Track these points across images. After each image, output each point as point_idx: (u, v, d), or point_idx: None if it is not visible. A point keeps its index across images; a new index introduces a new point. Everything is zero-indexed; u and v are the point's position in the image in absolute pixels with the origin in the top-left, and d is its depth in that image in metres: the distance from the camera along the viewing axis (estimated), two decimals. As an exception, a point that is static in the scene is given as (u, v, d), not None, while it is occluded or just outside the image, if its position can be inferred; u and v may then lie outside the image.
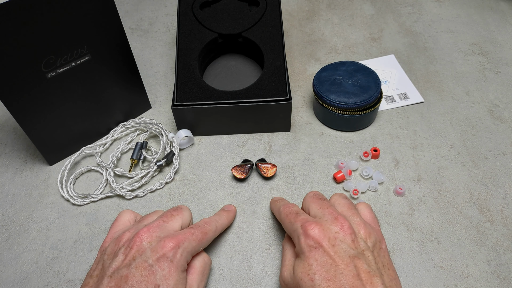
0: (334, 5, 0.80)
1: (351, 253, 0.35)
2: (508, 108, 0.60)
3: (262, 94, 0.54)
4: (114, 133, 0.59)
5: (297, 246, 0.37)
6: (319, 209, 0.39)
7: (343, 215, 0.38)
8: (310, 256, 0.35)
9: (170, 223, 0.40)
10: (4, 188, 0.54)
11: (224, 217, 0.46)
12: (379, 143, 0.56)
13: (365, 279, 0.33)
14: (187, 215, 0.42)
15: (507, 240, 0.46)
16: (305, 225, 0.37)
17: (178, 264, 0.36)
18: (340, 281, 0.33)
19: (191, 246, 0.38)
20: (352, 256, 0.34)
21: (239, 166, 0.53)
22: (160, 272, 0.35)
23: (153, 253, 0.36)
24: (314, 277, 0.34)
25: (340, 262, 0.34)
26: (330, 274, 0.33)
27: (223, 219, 0.45)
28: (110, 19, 0.50)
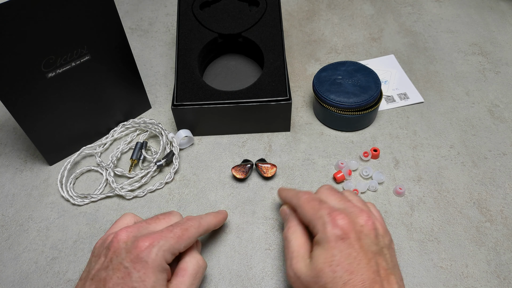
0: (334, 5, 0.80)
1: (373, 248, 0.35)
2: (508, 108, 0.60)
3: (262, 94, 0.54)
4: (114, 133, 0.59)
5: (320, 234, 0.36)
6: (340, 202, 0.39)
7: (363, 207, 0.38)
8: (335, 247, 0.34)
9: (152, 225, 0.39)
10: (4, 188, 0.54)
11: (211, 216, 0.44)
12: (379, 143, 0.56)
13: (383, 276, 0.33)
14: (174, 220, 0.40)
15: (507, 240, 0.46)
16: (333, 214, 0.36)
17: (154, 264, 0.35)
18: (362, 275, 0.33)
19: (168, 244, 0.36)
20: (374, 252, 0.35)
21: (239, 166, 0.53)
22: (136, 273, 0.34)
23: (128, 254, 0.35)
24: (336, 269, 0.33)
25: (364, 257, 0.34)
26: (353, 267, 0.33)
27: (209, 218, 0.43)
28: (110, 19, 0.50)
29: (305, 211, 0.39)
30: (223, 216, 0.46)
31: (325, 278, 0.33)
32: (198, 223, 0.40)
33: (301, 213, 0.39)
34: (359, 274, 0.33)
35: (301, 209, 0.39)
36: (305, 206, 0.39)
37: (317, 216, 0.37)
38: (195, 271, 0.38)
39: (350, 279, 0.33)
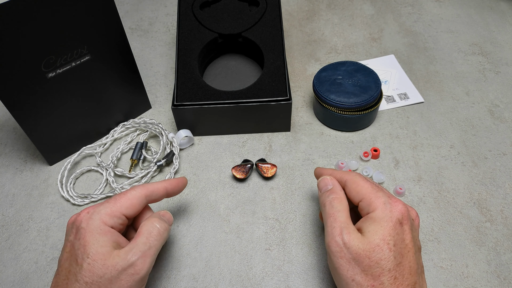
0: (334, 5, 0.80)
1: (418, 244, 0.37)
2: (508, 108, 0.60)
3: (262, 94, 0.54)
4: (114, 133, 0.59)
5: (379, 212, 0.36)
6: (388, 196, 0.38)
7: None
8: (394, 228, 0.35)
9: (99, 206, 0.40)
10: (4, 188, 0.54)
11: (162, 181, 0.43)
12: (379, 143, 0.56)
13: (420, 271, 0.35)
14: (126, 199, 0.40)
15: (507, 240, 0.46)
16: (393, 198, 0.37)
17: (91, 228, 0.36)
18: (409, 263, 0.34)
19: (106, 209, 0.38)
20: (418, 247, 0.37)
21: (239, 166, 0.53)
22: (77, 242, 0.36)
23: (72, 230, 0.37)
24: (393, 248, 0.34)
25: (412, 247, 0.35)
26: (405, 252, 0.34)
27: (157, 182, 0.42)
28: (110, 19, 0.50)
29: (363, 187, 0.38)
30: (176, 181, 0.44)
31: (380, 254, 0.34)
32: (142, 186, 0.41)
33: (356, 188, 0.39)
34: (407, 259, 0.34)
35: (357, 185, 0.39)
36: (364, 183, 0.39)
37: (376, 195, 0.37)
38: (149, 232, 0.38)
39: (401, 262, 0.34)
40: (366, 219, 0.37)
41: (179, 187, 0.44)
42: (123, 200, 0.39)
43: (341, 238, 0.35)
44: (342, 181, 0.41)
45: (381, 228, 0.35)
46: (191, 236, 0.48)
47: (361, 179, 0.40)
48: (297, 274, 0.44)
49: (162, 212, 0.42)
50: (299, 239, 0.47)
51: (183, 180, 0.45)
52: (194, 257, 0.46)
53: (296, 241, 0.47)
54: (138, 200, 0.40)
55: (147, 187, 0.41)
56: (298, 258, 0.46)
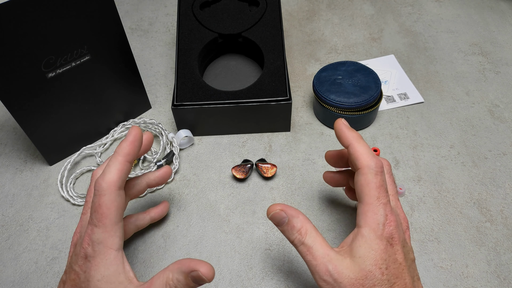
0: (334, 5, 0.80)
1: (411, 256, 0.36)
2: (508, 108, 0.60)
3: (262, 94, 0.54)
4: (114, 133, 0.59)
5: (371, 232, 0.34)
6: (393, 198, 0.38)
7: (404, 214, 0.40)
8: (386, 250, 0.34)
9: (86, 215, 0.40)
10: (4, 188, 0.54)
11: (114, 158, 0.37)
12: (379, 143, 0.56)
13: (416, 282, 0.35)
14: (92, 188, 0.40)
15: (507, 240, 0.46)
16: (389, 217, 0.35)
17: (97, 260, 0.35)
18: (404, 280, 0.34)
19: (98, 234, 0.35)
20: (411, 259, 0.36)
21: (239, 166, 0.53)
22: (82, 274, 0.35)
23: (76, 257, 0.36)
24: (385, 271, 0.33)
25: (405, 263, 0.35)
26: (398, 272, 0.34)
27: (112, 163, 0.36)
28: (110, 19, 0.50)
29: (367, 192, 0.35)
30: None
31: (373, 280, 0.33)
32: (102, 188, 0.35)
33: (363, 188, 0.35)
34: (403, 279, 0.34)
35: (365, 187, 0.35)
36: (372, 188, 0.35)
37: (375, 208, 0.35)
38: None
39: (395, 283, 0.33)
40: (356, 236, 0.35)
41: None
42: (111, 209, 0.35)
43: (330, 276, 0.33)
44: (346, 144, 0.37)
45: (373, 252, 0.33)
46: (191, 236, 0.48)
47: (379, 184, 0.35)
48: (297, 274, 0.44)
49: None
50: (299, 239, 0.47)
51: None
52: (194, 257, 0.46)
53: (296, 241, 0.47)
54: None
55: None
56: (298, 258, 0.46)
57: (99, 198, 0.35)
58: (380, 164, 0.36)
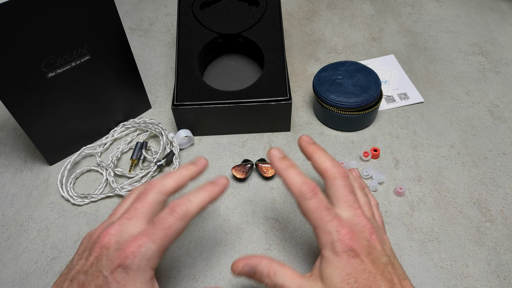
0: (334, 5, 0.80)
1: (383, 260, 0.35)
2: (508, 108, 0.60)
3: (262, 94, 0.54)
4: (114, 133, 0.59)
5: (329, 252, 0.35)
6: (349, 209, 0.37)
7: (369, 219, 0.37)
8: (349, 264, 0.34)
9: (132, 221, 0.36)
10: (4, 188, 0.54)
11: (205, 193, 0.38)
12: (379, 143, 0.56)
13: (397, 284, 0.34)
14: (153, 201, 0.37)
15: (507, 240, 0.46)
16: (341, 231, 0.35)
17: (136, 275, 0.33)
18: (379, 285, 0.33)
19: (151, 251, 0.34)
20: (384, 263, 0.35)
21: (239, 166, 0.53)
22: (115, 285, 0.33)
23: (109, 262, 0.33)
24: (355, 285, 0.33)
25: (377, 269, 0.34)
26: (370, 282, 0.33)
27: (201, 196, 0.38)
28: (110, 19, 0.50)
29: (311, 218, 0.37)
30: (221, 188, 0.40)
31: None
32: (184, 212, 0.36)
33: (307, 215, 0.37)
34: (377, 286, 0.33)
35: (308, 213, 0.37)
36: (312, 212, 0.36)
37: (325, 230, 0.36)
38: None
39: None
40: (321, 259, 0.36)
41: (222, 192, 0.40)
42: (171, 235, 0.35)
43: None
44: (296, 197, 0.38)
45: (336, 270, 0.34)
46: (191, 236, 0.48)
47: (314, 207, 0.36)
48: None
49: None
50: (299, 239, 0.47)
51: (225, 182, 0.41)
52: (194, 257, 0.46)
53: (296, 241, 0.47)
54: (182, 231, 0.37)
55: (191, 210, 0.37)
56: (298, 258, 0.46)
57: (174, 220, 0.35)
58: (300, 187, 0.37)
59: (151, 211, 0.37)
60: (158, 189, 0.38)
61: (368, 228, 0.36)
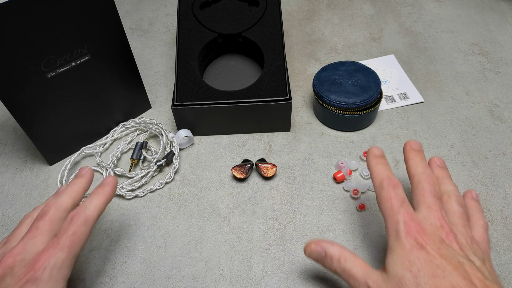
0: (334, 5, 0.80)
1: (460, 258, 0.33)
2: (508, 108, 0.60)
3: (262, 94, 0.54)
4: (114, 133, 0.59)
5: (393, 241, 0.35)
6: (427, 209, 0.36)
7: (451, 225, 0.36)
8: (412, 253, 0.33)
9: (37, 238, 0.35)
10: (4, 188, 0.54)
11: (98, 197, 0.39)
12: (379, 143, 0.56)
13: (479, 285, 0.31)
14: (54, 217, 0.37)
15: (507, 240, 0.46)
16: (409, 224, 0.35)
17: (47, 286, 0.33)
18: (449, 279, 0.31)
19: (61, 260, 0.34)
20: (461, 261, 0.33)
21: (239, 166, 0.53)
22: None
23: (14, 280, 0.33)
24: (418, 274, 0.32)
25: (448, 263, 0.32)
26: (436, 272, 0.32)
27: (96, 201, 0.38)
28: (110, 19, 0.50)
29: (383, 207, 0.37)
30: (111, 186, 0.41)
31: (408, 285, 0.32)
32: (84, 219, 0.37)
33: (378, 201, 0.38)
34: (446, 278, 0.31)
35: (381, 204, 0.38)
36: (385, 202, 0.37)
37: (393, 219, 0.36)
38: None
39: (435, 283, 0.31)
40: (387, 252, 0.36)
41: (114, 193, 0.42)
42: (78, 241, 0.36)
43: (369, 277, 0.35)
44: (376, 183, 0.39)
45: (400, 258, 0.33)
46: (191, 236, 0.48)
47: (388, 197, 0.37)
48: (297, 274, 0.44)
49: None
50: (299, 239, 0.47)
51: (113, 182, 0.41)
52: (194, 257, 0.46)
53: (296, 241, 0.47)
54: (89, 235, 0.37)
55: (93, 218, 0.37)
56: (298, 258, 0.46)
57: (78, 226, 0.36)
58: (382, 179, 0.39)
59: (54, 228, 0.37)
60: (56, 206, 0.38)
61: (446, 229, 0.35)
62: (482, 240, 0.38)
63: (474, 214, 0.41)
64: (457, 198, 0.40)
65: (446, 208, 0.39)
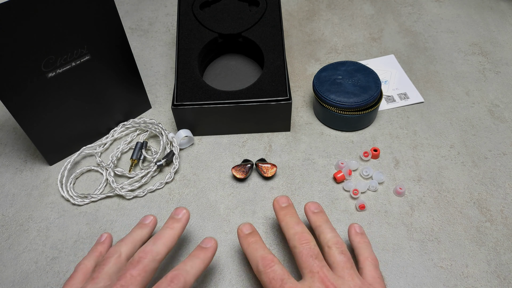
0: (334, 5, 0.80)
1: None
2: (508, 108, 0.60)
3: (262, 94, 0.54)
4: (114, 133, 0.59)
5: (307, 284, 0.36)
6: (310, 275, 0.37)
7: (337, 281, 0.36)
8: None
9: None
10: (4, 188, 0.54)
11: (199, 261, 0.39)
12: (379, 143, 0.56)
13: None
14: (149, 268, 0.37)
15: (507, 240, 0.46)
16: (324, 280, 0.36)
17: None
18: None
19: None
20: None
21: (239, 166, 0.53)
22: None
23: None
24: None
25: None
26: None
27: (197, 266, 0.38)
28: (110, 19, 0.50)
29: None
30: (212, 253, 0.41)
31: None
32: (183, 284, 0.36)
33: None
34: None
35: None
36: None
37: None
38: None
39: None
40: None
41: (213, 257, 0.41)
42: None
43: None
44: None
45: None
46: (191, 236, 0.48)
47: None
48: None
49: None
50: (299, 239, 0.47)
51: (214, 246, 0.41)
52: (194, 257, 0.46)
53: (296, 241, 0.47)
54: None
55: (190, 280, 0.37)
56: (298, 258, 0.46)
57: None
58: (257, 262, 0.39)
59: (147, 280, 0.37)
60: (152, 256, 0.38)
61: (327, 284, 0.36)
62: (374, 279, 0.38)
63: (361, 252, 0.41)
64: (337, 245, 0.39)
65: (329, 261, 0.39)
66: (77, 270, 0.39)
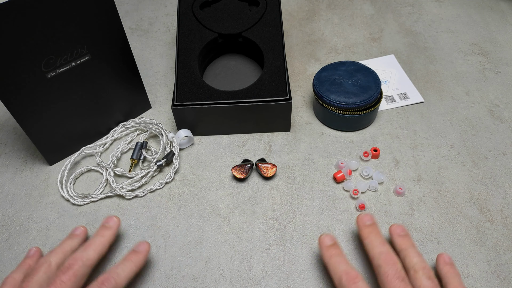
0: (334, 5, 0.80)
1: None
2: (508, 108, 0.60)
3: (262, 94, 0.54)
4: (114, 133, 0.59)
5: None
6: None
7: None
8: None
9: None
10: (4, 188, 0.54)
11: (131, 264, 0.41)
12: (379, 143, 0.56)
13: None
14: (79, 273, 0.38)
15: (507, 240, 0.46)
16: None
17: None
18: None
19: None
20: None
21: (239, 166, 0.53)
22: None
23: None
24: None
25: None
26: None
27: (128, 268, 0.40)
28: (110, 19, 0.50)
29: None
30: (144, 256, 0.42)
31: None
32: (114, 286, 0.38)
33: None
34: None
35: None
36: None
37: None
38: None
39: None
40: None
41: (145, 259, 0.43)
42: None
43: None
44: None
45: None
46: (191, 236, 0.48)
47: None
48: (297, 274, 0.44)
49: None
50: (299, 239, 0.47)
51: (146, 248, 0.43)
52: (194, 257, 0.46)
53: (296, 241, 0.47)
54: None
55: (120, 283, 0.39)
56: (298, 258, 0.46)
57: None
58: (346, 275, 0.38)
59: (78, 285, 0.38)
60: (82, 262, 0.39)
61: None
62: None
63: (451, 281, 0.39)
64: (424, 271, 0.38)
65: (415, 286, 0.37)
66: (5, 283, 0.39)
